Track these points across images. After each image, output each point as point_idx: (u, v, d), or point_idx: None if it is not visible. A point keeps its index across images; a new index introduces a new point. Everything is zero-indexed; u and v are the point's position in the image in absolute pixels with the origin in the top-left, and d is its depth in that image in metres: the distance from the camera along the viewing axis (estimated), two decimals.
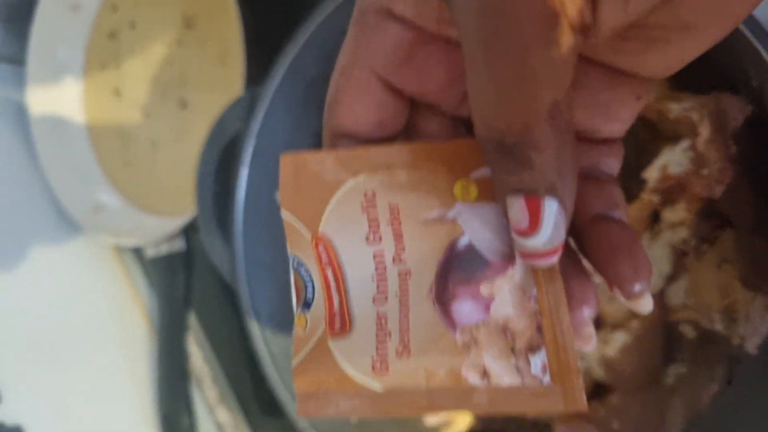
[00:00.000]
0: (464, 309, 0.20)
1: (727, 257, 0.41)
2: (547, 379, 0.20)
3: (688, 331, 0.42)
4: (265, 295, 0.50)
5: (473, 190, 0.21)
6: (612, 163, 0.21)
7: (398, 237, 0.21)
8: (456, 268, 0.20)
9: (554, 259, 0.19)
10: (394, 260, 0.21)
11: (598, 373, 0.43)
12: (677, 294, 0.42)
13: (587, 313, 0.20)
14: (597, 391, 0.46)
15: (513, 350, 0.20)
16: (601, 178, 0.21)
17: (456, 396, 0.20)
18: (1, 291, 0.62)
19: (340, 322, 0.21)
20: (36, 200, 0.72)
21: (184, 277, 0.67)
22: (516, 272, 0.20)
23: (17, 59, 0.73)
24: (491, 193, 0.20)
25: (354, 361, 0.21)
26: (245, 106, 0.48)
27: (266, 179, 0.50)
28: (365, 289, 0.21)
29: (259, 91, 0.47)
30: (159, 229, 0.67)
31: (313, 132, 0.52)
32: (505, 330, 0.20)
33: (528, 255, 0.19)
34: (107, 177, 0.74)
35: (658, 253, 0.42)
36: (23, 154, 0.72)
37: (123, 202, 0.73)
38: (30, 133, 0.71)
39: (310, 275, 0.22)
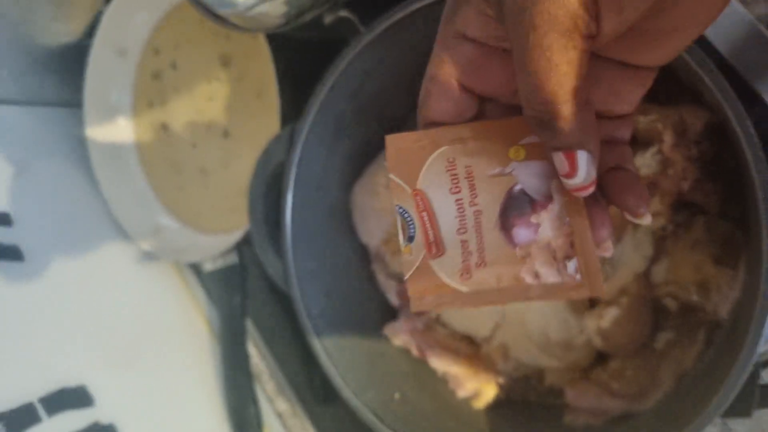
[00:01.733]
0: (520, 233, 0.29)
1: (700, 239, 0.49)
2: (578, 276, 0.28)
3: (671, 304, 0.50)
4: (314, 298, 0.59)
5: (522, 152, 0.29)
6: (624, 132, 0.30)
7: (472, 187, 0.30)
8: (513, 206, 0.29)
9: (591, 190, 0.27)
10: (470, 203, 0.30)
11: (597, 342, 0.51)
12: (659, 272, 0.50)
13: (605, 232, 0.29)
14: (598, 359, 0.54)
15: (555, 259, 0.28)
16: (617, 142, 0.29)
17: (517, 291, 0.29)
18: (89, 308, 0.72)
19: (436, 248, 0.30)
20: (102, 226, 0.82)
21: (239, 287, 0.76)
22: (554, 206, 0.29)
23: (74, 103, 0.83)
24: (536, 154, 0.29)
25: (447, 272, 0.29)
26: (285, 140, 0.57)
27: (308, 200, 0.59)
28: (451, 224, 0.30)
29: (295, 127, 0.56)
30: (214, 245, 0.77)
31: (343, 155, 0.61)
32: (549, 246, 0.28)
33: (573, 189, 0.27)
34: (163, 202, 0.84)
35: (641, 239, 0.50)
36: (88, 187, 0.82)
37: (180, 224, 0.83)
38: (92, 167, 0.81)
39: (411, 217, 0.31)
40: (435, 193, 0.30)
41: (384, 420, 0.55)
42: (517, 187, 0.29)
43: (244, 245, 0.75)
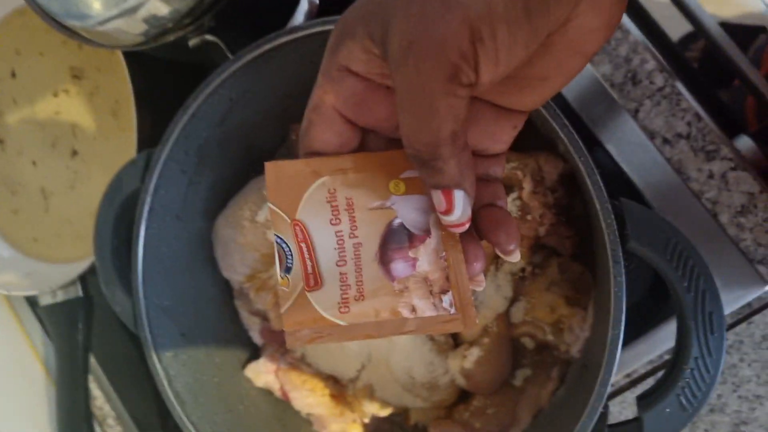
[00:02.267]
0: (399, 267, 0.30)
1: (554, 281, 0.51)
2: (453, 310, 0.30)
3: (528, 343, 0.52)
4: (168, 338, 0.54)
5: (402, 187, 0.30)
6: (497, 170, 0.31)
7: (352, 220, 0.30)
8: (392, 240, 0.30)
9: (466, 227, 0.28)
10: (350, 236, 0.30)
11: (461, 382, 0.51)
12: (518, 313, 0.51)
13: (478, 266, 0.30)
14: (462, 397, 0.55)
15: (431, 293, 0.30)
16: (490, 179, 0.31)
17: (395, 324, 0.30)
18: None
19: (314, 280, 0.30)
20: None
21: (83, 323, 0.69)
22: (432, 240, 0.30)
23: None
24: (415, 188, 0.30)
25: (326, 306, 0.29)
26: (141, 166, 0.52)
27: (165, 232, 0.54)
28: (331, 256, 0.30)
29: (153, 153, 0.52)
30: (53, 277, 0.69)
31: (207, 185, 0.57)
32: (426, 280, 0.30)
33: (449, 225, 0.28)
34: None
35: (502, 281, 0.51)
36: None
37: (12, 251, 0.73)
38: None
39: (289, 248, 0.30)
40: (315, 224, 0.30)
41: None
42: (397, 221, 0.30)
43: (89, 275, 0.67)
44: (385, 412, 0.56)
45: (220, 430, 0.53)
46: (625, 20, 0.58)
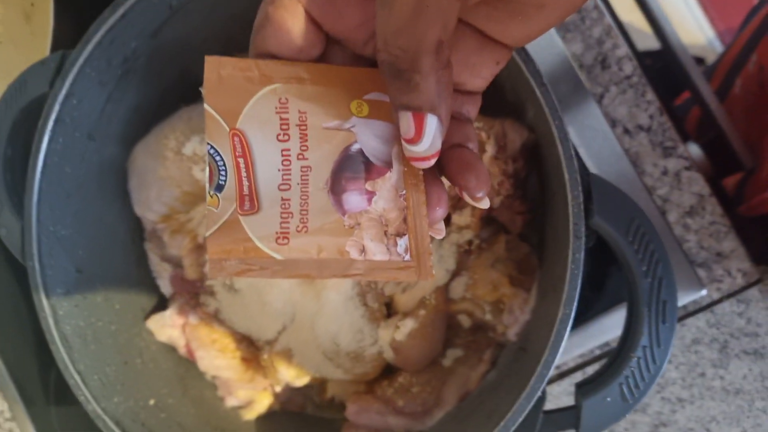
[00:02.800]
0: (352, 199, 0.25)
1: (500, 258, 0.48)
2: (407, 256, 0.26)
3: (465, 320, 0.48)
4: (61, 272, 0.47)
5: (365, 108, 0.26)
6: (471, 110, 0.27)
7: (304, 138, 0.25)
8: (348, 168, 0.25)
9: (432, 162, 0.24)
10: (298, 156, 0.25)
11: (389, 355, 0.47)
12: (459, 288, 0.48)
13: (440, 212, 0.26)
14: (387, 372, 0.51)
15: (386, 234, 0.25)
16: (462, 119, 0.27)
17: (339, 265, 0.25)
18: None
19: (250, 203, 0.25)
20: None
21: None
22: (392, 175, 0.25)
23: None
24: (380, 113, 0.26)
25: (261, 235, 0.25)
26: (52, 68, 0.45)
27: (72, 150, 0.47)
28: (273, 177, 0.25)
29: (67, 54, 0.44)
30: None
31: (130, 105, 0.50)
32: (381, 218, 0.25)
33: (413, 158, 0.24)
34: None
35: (446, 252, 0.48)
36: None
37: None
38: None
39: (224, 162, 0.25)
40: (258, 137, 0.25)
41: (129, 429, 0.45)
42: (355, 146, 0.25)
43: None
44: (301, 382, 0.51)
45: (110, 384, 0.47)
46: (601, 3, 0.56)
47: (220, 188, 0.25)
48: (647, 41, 0.73)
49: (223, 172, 0.25)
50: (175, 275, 0.52)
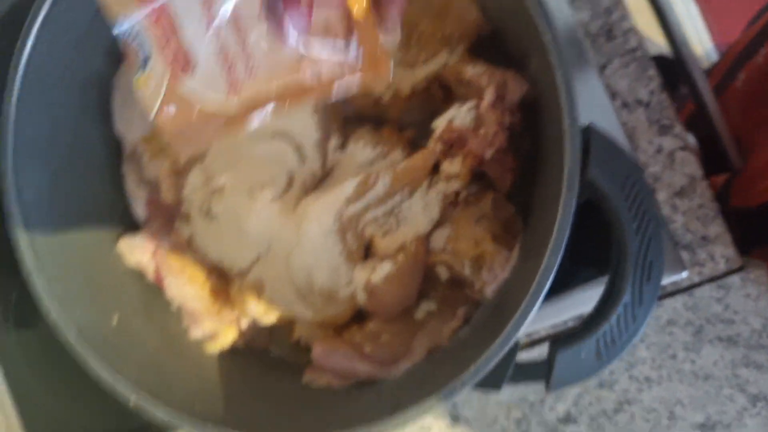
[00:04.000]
0: (293, 20, 0.23)
1: (485, 215, 0.48)
2: (359, 60, 0.24)
3: (443, 273, 0.48)
4: (33, 177, 0.45)
5: None
6: None
7: None
8: None
9: None
10: None
11: (362, 298, 0.47)
12: (440, 239, 0.47)
13: (394, 10, 0.24)
14: (357, 317, 0.50)
15: (334, 44, 0.24)
16: None
17: (297, 88, 0.24)
18: None
19: (184, 61, 0.23)
20: None
21: None
22: None
23: None
24: None
25: (210, 91, 0.23)
26: None
27: (58, 55, 0.45)
28: (199, 27, 0.22)
29: None
30: None
31: None
32: (327, 29, 0.23)
33: None
34: None
35: (431, 200, 0.47)
36: None
37: None
38: None
39: (140, 34, 0.23)
40: None
41: (91, 343, 0.43)
42: None
43: None
44: (269, 319, 0.50)
45: (74, 296, 0.45)
46: None
47: (146, 62, 0.23)
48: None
49: (144, 46, 0.23)
50: (151, 199, 0.51)
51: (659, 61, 0.74)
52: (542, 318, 0.53)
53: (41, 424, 0.59)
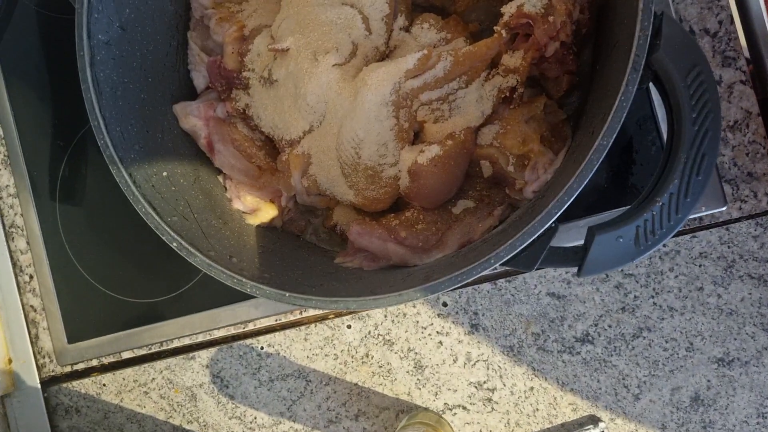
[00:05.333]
0: None
1: (536, 117, 0.48)
2: None
3: (486, 169, 0.48)
4: (105, 22, 0.46)
5: None
6: None
7: None
8: None
9: None
10: None
11: (404, 181, 0.47)
12: (488, 134, 0.48)
13: None
14: (396, 206, 0.51)
15: None
16: None
17: None
18: None
19: None
20: None
21: None
22: None
23: None
24: None
25: None
26: None
27: None
28: None
29: None
30: None
31: None
32: None
33: None
34: None
35: (485, 93, 0.47)
36: None
37: None
38: None
39: None
40: None
41: (139, 186, 0.45)
42: None
43: None
44: (309, 199, 0.51)
45: (130, 140, 0.47)
46: None
47: None
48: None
49: None
50: (214, 62, 0.52)
51: None
52: (577, 234, 0.53)
53: (73, 293, 0.62)
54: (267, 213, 0.53)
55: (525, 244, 0.38)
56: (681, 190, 0.36)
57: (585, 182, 0.37)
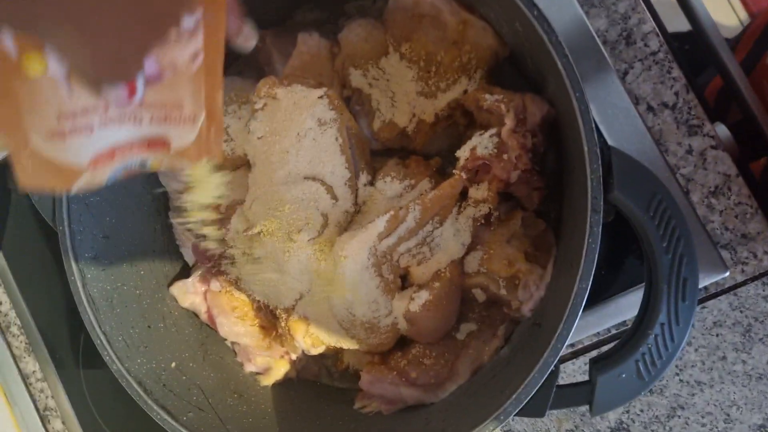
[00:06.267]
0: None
1: (516, 234, 0.48)
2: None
3: (480, 295, 0.49)
4: (88, 238, 0.48)
5: None
6: None
7: None
8: None
9: None
10: None
11: (403, 326, 0.48)
12: (473, 262, 0.48)
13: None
14: (401, 343, 0.51)
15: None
16: None
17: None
18: None
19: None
20: None
21: None
22: None
23: None
24: None
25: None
26: None
27: None
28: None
29: None
30: None
31: None
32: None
33: None
34: None
35: (462, 226, 0.48)
36: None
37: None
38: None
39: None
40: None
41: (150, 392, 0.46)
42: None
43: (7, 165, 0.60)
44: (316, 350, 0.52)
45: (134, 345, 0.48)
46: None
47: None
48: (675, 22, 0.71)
49: None
50: (196, 246, 0.53)
51: (680, 37, 0.72)
52: (585, 328, 0.53)
53: None
54: (279, 370, 0.54)
55: (530, 396, 0.38)
56: (671, 319, 0.36)
57: (573, 326, 0.37)
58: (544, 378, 0.38)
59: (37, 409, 0.69)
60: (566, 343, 0.38)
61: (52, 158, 0.27)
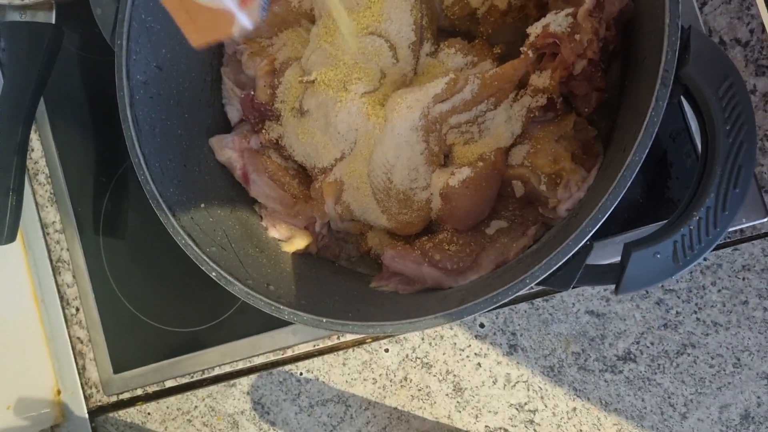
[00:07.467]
0: None
1: (566, 135, 0.48)
2: None
3: (519, 188, 0.48)
4: (142, 62, 0.48)
5: None
6: None
7: None
8: None
9: None
10: None
11: (437, 204, 0.48)
12: (519, 154, 0.48)
13: None
14: (429, 228, 0.51)
15: None
16: None
17: None
18: None
19: None
20: None
21: (46, 53, 0.62)
22: None
23: None
24: None
25: None
26: None
27: None
28: None
29: None
30: None
31: None
32: None
33: None
34: None
35: (514, 114, 0.47)
36: None
37: None
38: None
39: None
40: None
41: (179, 218, 0.47)
42: None
43: (68, 5, 0.61)
44: (343, 224, 0.52)
45: (169, 175, 0.48)
46: None
47: None
48: None
49: None
50: (246, 96, 0.53)
51: None
52: (613, 250, 0.53)
53: (118, 324, 0.64)
54: (302, 240, 0.54)
55: (560, 263, 0.38)
56: (718, 204, 0.35)
57: (618, 199, 0.37)
58: (579, 246, 0.37)
59: (51, 260, 0.69)
60: (599, 224, 0.38)
61: (205, 3, 0.29)
